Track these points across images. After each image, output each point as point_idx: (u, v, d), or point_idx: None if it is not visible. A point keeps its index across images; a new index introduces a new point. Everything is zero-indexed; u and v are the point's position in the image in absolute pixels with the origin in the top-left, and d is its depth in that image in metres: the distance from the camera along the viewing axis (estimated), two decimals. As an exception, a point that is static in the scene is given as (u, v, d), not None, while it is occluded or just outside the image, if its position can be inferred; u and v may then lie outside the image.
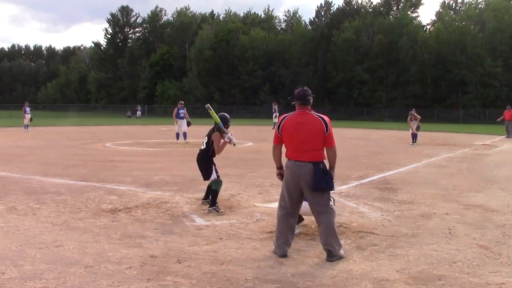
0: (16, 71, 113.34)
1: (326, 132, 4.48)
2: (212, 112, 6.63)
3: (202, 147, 6.66)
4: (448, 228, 5.69)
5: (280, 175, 4.79)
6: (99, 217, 6.00)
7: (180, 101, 19.43)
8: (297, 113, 4.61)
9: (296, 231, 5.09)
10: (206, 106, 6.95)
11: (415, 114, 18.93)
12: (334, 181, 4.60)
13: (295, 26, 68.71)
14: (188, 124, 18.08)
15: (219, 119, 6.53)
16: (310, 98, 4.58)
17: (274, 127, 30.05)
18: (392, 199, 7.45)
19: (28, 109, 26.29)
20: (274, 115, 30.27)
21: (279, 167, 4.82)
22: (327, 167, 4.59)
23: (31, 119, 26.23)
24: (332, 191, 4.65)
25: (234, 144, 6.71)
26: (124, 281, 3.83)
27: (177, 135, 18.62)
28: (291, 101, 4.67)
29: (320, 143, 4.51)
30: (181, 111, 18.32)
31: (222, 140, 6.53)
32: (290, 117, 4.62)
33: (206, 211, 6.35)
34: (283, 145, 4.71)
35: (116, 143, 18.15)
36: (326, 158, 4.61)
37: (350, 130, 29.65)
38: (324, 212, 4.52)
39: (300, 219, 5.30)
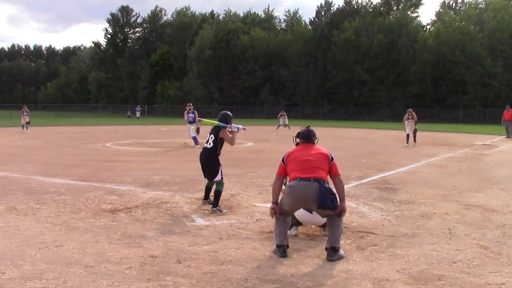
0: (16, 71, 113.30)
1: (331, 161, 4.64)
2: (206, 121, 6.73)
3: (208, 146, 6.61)
4: (448, 228, 5.69)
5: (273, 210, 4.59)
6: (99, 217, 6.00)
7: (188, 104, 17.62)
8: (302, 145, 4.82)
9: (293, 233, 5.16)
10: (197, 121, 7.11)
11: (413, 113, 18.82)
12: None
13: (295, 26, 68.78)
14: (197, 131, 15.58)
15: (217, 122, 6.66)
16: (314, 138, 4.83)
17: (277, 127, 30.44)
18: (392, 199, 7.45)
19: (26, 112, 26.07)
20: (281, 120, 30.14)
21: (275, 202, 4.65)
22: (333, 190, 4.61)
23: (28, 122, 26.00)
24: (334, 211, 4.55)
25: (244, 129, 7.09)
26: (124, 281, 3.83)
27: (194, 138, 16.34)
28: (297, 137, 4.95)
29: (326, 165, 4.60)
30: (190, 115, 16.82)
31: (230, 134, 6.67)
32: (295, 149, 4.82)
33: (209, 211, 6.36)
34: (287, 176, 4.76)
35: (116, 143, 18.15)
36: (334, 188, 4.64)
37: (350, 130, 29.63)
38: (333, 217, 4.57)
39: (298, 223, 5.30)
